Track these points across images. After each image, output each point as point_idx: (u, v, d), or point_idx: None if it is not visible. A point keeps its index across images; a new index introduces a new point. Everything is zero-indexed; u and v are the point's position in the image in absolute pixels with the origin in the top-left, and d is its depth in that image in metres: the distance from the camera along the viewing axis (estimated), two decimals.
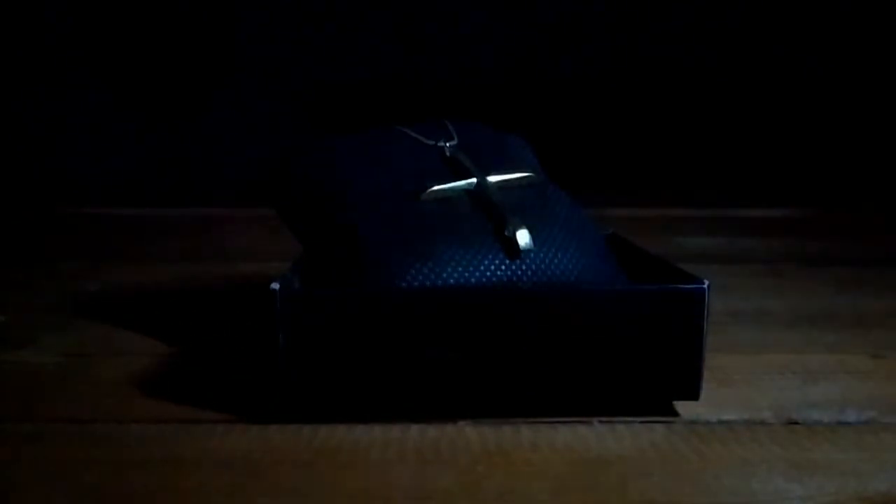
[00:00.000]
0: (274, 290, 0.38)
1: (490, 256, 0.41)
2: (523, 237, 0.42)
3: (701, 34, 1.47)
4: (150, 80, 1.47)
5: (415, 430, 0.39)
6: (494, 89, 1.46)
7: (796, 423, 0.40)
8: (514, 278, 0.41)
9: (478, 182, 0.45)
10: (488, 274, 0.41)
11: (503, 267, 0.41)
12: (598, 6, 1.48)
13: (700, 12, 1.47)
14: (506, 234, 0.42)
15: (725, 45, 1.48)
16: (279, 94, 1.49)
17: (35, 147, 1.46)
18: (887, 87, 1.47)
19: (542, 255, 0.42)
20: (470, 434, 0.39)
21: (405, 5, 1.48)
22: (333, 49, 1.49)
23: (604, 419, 0.40)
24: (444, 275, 0.41)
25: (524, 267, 0.42)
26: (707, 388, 0.40)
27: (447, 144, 0.48)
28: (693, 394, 0.40)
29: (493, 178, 0.45)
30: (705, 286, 0.39)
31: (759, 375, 0.48)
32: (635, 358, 0.39)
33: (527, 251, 0.42)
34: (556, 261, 0.42)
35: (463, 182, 0.45)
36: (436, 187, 0.44)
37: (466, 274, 0.41)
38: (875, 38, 1.47)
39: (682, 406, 0.41)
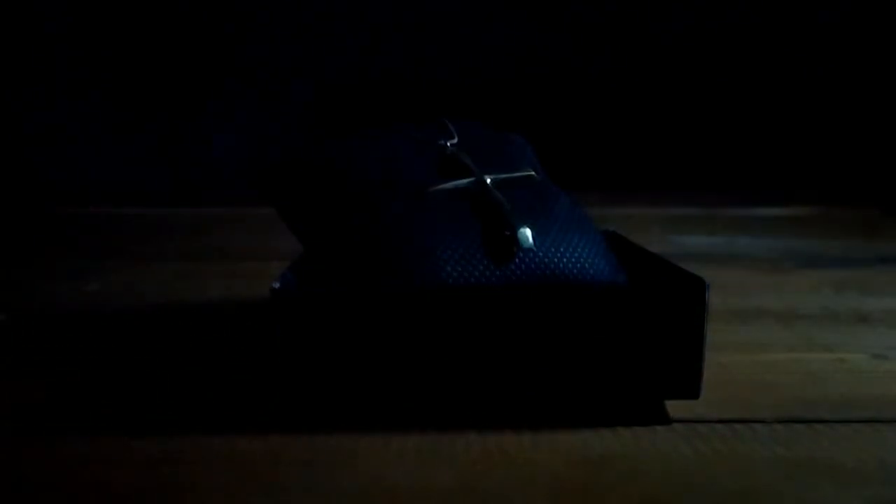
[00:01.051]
0: (274, 289, 0.38)
1: (490, 256, 0.41)
2: (524, 237, 0.41)
3: (701, 34, 1.47)
4: (149, 80, 1.47)
5: (415, 430, 0.39)
6: (494, 89, 1.46)
7: (796, 422, 0.40)
8: (514, 278, 0.41)
9: (478, 181, 0.44)
10: (488, 273, 0.41)
11: (503, 266, 0.41)
12: (598, 6, 1.48)
13: (700, 12, 1.47)
14: (506, 233, 0.42)
15: (725, 44, 1.48)
16: (279, 94, 1.49)
17: (35, 147, 1.46)
18: (887, 86, 1.47)
19: (542, 254, 0.42)
20: (470, 434, 0.38)
21: (405, 5, 1.48)
22: (333, 49, 1.48)
23: (604, 419, 0.40)
24: (444, 274, 0.40)
25: (524, 266, 0.41)
26: (707, 388, 0.40)
27: (447, 143, 0.47)
28: (693, 393, 0.40)
29: (493, 177, 0.45)
30: (705, 286, 0.39)
31: (759, 375, 0.48)
32: (635, 357, 0.39)
33: (527, 251, 0.42)
34: (556, 260, 0.42)
35: (463, 181, 0.45)
36: (436, 186, 0.44)
37: (466, 274, 0.41)
38: (874, 36, 1.47)
39: (682, 406, 0.41)
